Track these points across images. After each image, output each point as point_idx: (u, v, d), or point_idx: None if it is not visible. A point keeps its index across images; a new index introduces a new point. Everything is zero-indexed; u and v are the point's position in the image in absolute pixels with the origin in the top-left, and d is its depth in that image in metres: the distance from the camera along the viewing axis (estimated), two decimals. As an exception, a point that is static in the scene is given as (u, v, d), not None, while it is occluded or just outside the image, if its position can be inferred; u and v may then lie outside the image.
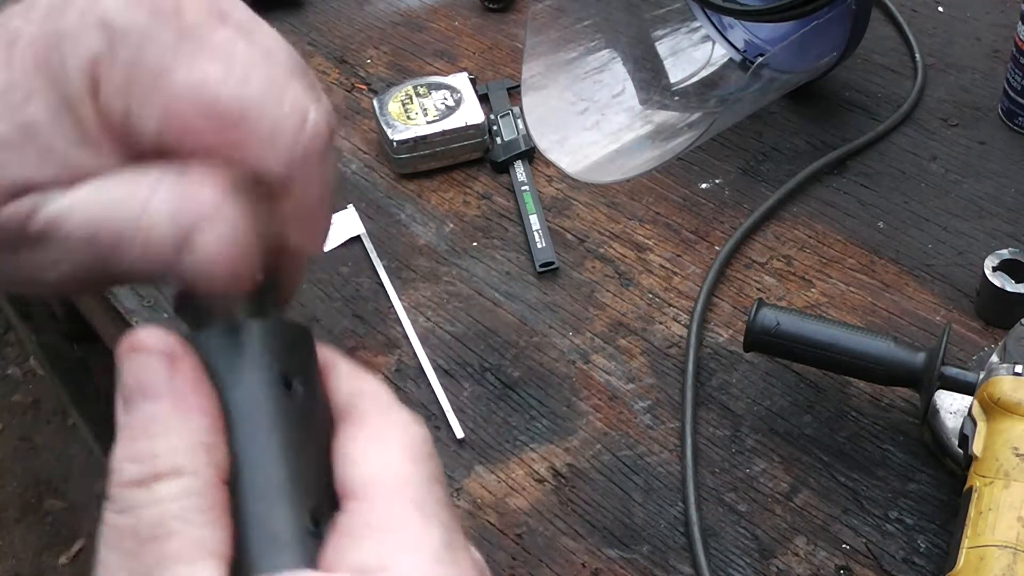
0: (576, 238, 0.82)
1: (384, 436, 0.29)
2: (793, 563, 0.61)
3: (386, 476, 0.28)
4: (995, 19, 0.98)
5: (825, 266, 0.78)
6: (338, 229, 0.84)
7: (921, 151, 0.86)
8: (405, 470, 0.28)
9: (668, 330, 0.74)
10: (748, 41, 0.93)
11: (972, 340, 0.71)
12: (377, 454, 0.28)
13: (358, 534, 0.27)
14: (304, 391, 0.30)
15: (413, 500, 0.27)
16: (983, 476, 0.55)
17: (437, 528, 0.27)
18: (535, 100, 0.86)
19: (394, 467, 0.28)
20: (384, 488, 0.27)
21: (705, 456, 0.67)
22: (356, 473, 0.28)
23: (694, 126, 0.88)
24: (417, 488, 0.28)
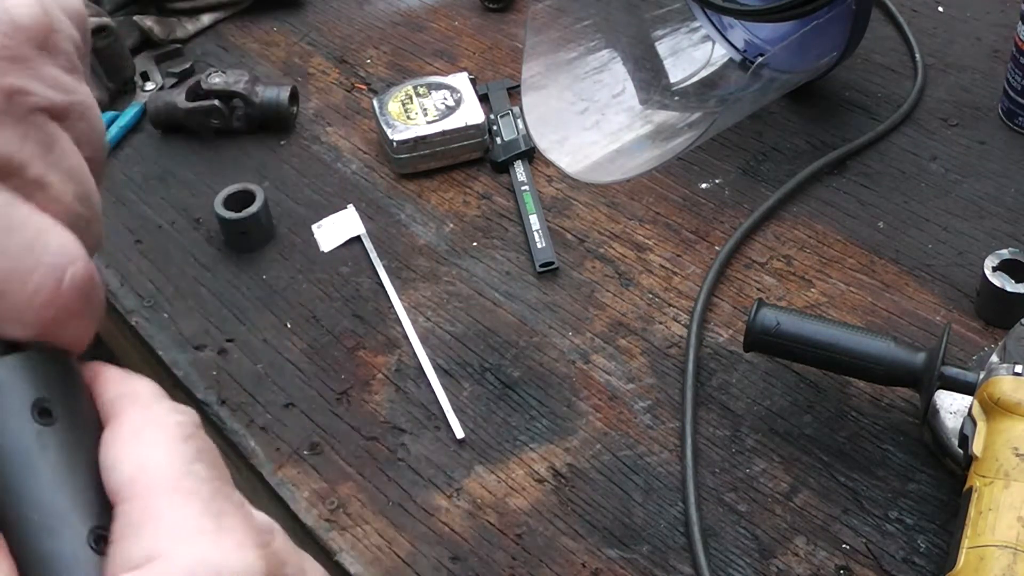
0: (576, 238, 0.82)
1: (139, 432, 0.29)
2: (793, 563, 0.61)
3: (143, 471, 0.28)
4: (995, 19, 0.98)
5: (825, 266, 0.78)
6: (338, 229, 0.84)
7: (921, 151, 0.86)
8: (161, 459, 0.28)
9: (668, 330, 0.74)
10: (748, 41, 0.93)
11: (972, 340, 0.71)
12: (134, 451, 0.29)
13: (127, 534, 0.27)
14: (65, 415, 0.30)
15: (170, 486, 0.28)
16: (983, 476, 0.55)
17: (195, 502, 0.27)
18: (535, 100, 0.86)
19: (151, 460, 0.28)
20: (142, 483, 0.28)
21: (705, 456, 0.67)
22: (117, 476, 0.28)
23: (694, 126, 0.88)
24: (173, 472, 0.28)
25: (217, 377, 0.75)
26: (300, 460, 0.69)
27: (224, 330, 0.78)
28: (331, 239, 0.83)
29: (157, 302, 0.80)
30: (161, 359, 0.77)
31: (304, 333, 0.77)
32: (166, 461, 0.28)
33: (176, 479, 0.28)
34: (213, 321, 0.78)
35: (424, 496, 0.66)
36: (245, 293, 0.80)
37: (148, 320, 0.79)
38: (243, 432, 0.71)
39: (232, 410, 0.72)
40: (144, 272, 0.83)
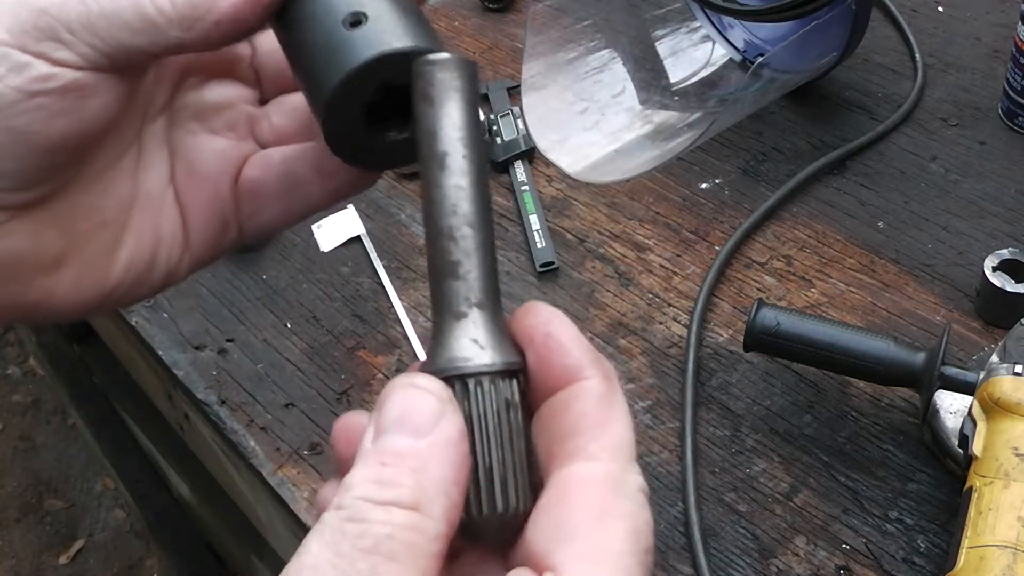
0: (576, 238, 0.82)
1: (614, 514, 0.28)
2: (793, 563, 0.61)
3: (606, 558, 0.27)
4: (995, 19, 0.98)
5: (825, 266, 0.78)
6: (338, 229, 0.84)
7: (921, 151, 0.86)
8: (626, 565, 0.28)
9: (668, 330, 0.74)
10: (748, 41, 0.93)
11: (972, 340, 0.71)
12: (608, 527, 0.28)
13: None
14: None
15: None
16: (983, 476, 0.55)
17: None
18: (535, 100, 0.86)
19: (617, 555, 0.28)
20: (597, 571, 0.27)
21: (705, 456, 0.67)
22: (577, 538, 0.28)
23: (694, 126, 0.88)
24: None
25: (217, 377, 0.75)
26: (300, 460, 0.69)
27: (224, 330, 0.78)
28: (331, 239, 0.83)
29: (157, 302, 0.80)
30: (161, 359, 0.77)
31: (304, 333, 0.77)
32: (618, 568, 0.27)
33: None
34: (213, 321, 0.78)
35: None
36: (245, 293, 0.80)
37: (148, 320, 0.79)
38: (243, 432, 0.71)
39: (232, 410, 0.72)
40: (144, 272, 0.82)
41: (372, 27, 0.33)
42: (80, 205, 0.37)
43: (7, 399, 2.04)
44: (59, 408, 1.99)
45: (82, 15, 0.32)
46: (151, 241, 0.40)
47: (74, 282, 0.38)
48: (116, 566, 1.77)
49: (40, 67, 0.33)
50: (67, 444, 1.95)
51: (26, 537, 1.83)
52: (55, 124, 0.34)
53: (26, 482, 1.90)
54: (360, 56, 0.33)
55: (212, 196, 0.40)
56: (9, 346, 2.13)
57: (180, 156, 0.40)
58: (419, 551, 0.27)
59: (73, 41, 0.33)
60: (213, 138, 0.40)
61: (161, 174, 0.40)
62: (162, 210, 0.40)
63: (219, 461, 0.89)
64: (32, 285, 0.37)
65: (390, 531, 0.27)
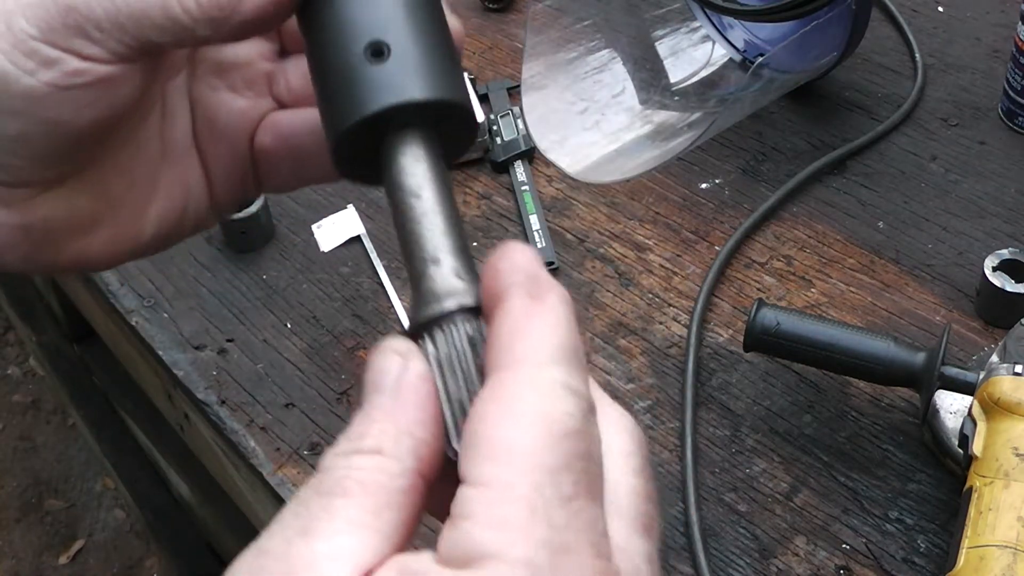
0: (576, 238, 0.82)
1: (516, 403, 0.27)
2: (793, 563, 0.61)
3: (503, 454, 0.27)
4: (995, 19, 0.98)
5: (825, 266, 0.78)
6: (338, 229, 0.84)
7: (921, 151, 0.86)
8: (524, 454, 0.26)
9: (668, 330, 0.74)
10: (748, 41, 0.93)
11: (972, 340, 0.71)
12: (503, 423, 0.27)
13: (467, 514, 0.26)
14: None
15: (520, 493, 0.26)
16: (983, 476, 0.55)
17: (539, 526, 0.25)
18: (535, 100, 0.86)
19: (516, 446, 0.27)
20: (504, 471, 0.26)
21: (705, 456, 0.67)
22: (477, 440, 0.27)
23: (694, 126, 0.88)
24: (530, 478, 0.26)
25: (217, 377, 0.75)
26: (300, 460, 0.69)
27: (224, 330, 0.78)
28: (331, 239, 0.83)
29: (157, 302, 0.80)
30: (161, 359, 0.77)
31: (304, 333, 0.77)
32: (529, 462, 0.26)
33: (531, 488, 0.26)
34: (213, 321, 0.78)
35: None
36: (245, 293, 0.80)
37: (148, 320, 0.79)
38: (243, 432, 0.71)
39: (232, 410, 0.72)
40: (144, 272, 0.82)
41: (394, 66, 0.33)
42: (110, 168, 0.38)
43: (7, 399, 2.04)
44: (59, 408, 1.99)
45: (110, 13, 0.33)
46: (180, 194, 0.40)
47: (108, 241, 0.39)
48: (116, 566, 1.77)
49: (71, 63, 0.33)
50: (67, 444, 1.95)
51: (26, 537, 1.83)
52: (86, 113, 0.34)
53: (26, 482, 1.90)
54: (376, 103, 0.32)
55: (230, 153, 0.41)
56: (9, 346, 2.13)
57: (200, 112, 0.41)
58: (376, 486, 0.27)
59: (102, 38, 0.33)
60: (232, 96, 0.41)
61: (185, 129, 0.41)
62: (188, 164, 0.41)
63: (219, 461, 0.89)
64: (67, 248, 0.38)
65: (345, 475, 0.28)
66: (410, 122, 0.33)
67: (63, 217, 0.37)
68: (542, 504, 0.26)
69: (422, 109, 0.33)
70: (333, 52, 0.33)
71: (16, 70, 0.33)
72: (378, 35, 0.33)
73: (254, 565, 0.27)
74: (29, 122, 0.34)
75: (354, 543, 0.27)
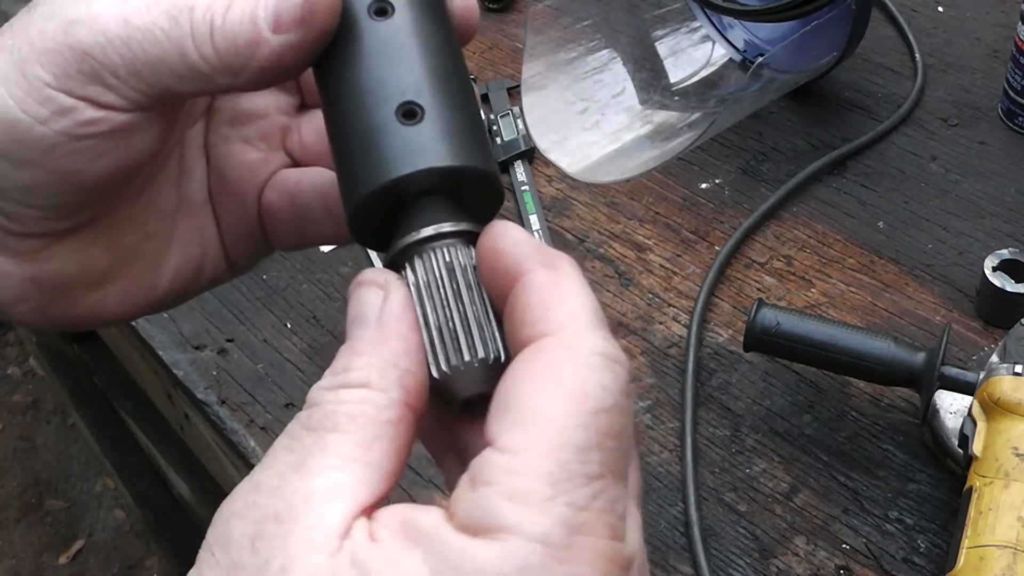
0: (576, 238, 0.82)
1: (552, 376, 0.27)
2: (793, 563, 0.61)
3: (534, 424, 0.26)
4: (995, 19, 0.98)
5: (825, 266, 0.78)
6: (338, 229, 0.84)
7: (921, 151, 0.86)
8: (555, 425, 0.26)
9: (668, 330, 0.74)
10: (748, 41, 0.93)
11: (972, 340, 0.71)
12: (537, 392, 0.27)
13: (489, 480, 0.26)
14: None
15: (551, 470, 0.26)
16: (983, 476, 0.55)
17: (560, 503, 0.25)
18: (535, 100, 0.86)
19: (548, 417, 0.26)
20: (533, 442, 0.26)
21: (705, 456, 0.67)
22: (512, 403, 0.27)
23: (694, 126, 0.88)
24: (557, 455, 0.26)
25: (217, 377, 0.75)
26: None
27: (224, 330, 0.78)
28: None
29: (157, 302, 0.80)
30: (161, 359, 0.77)
31: (304, 333, 0.77)
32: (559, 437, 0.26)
33: (557, 464, 0.26)
34: (213, 321, 0.78)
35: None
36: (245, 293, 0.80)
37: (148, 320, 0.79)
38: (243, 432, 0.71)
39: (232, 410, 0.72)
40: (144, 272, 0.82)
41: (428, 129, 0.31)
42: (125, 220, 0.37)
43: (7, 399, 2.04)
44: (59, 408, 1.99)
45: (127, 60, 0.32)
46: (197, 249, 0.39)
47: (122, 295, 0.38)
48: (116, 566, 1.77)
49: (86, 112, 0.32)
50: (67, 444, 1.95)
51: (26, 537, 1.83)
52: (100, 163, 0.33)
53: (26, 482, 1.90)
54: (409, 165, 0.31)
55: (240, 208, 0.40)
56: (9, 346, 2.13)
57: (214, 165, 0.40)
58: (365, 419, 0.28)
59: (119, 86, 0.32)
60: (244, 148, 0.40)
61: (201, 182, 0.40)
62: (203, 218, 0.40)
63: (219, 461, 0.89)
64: (80, 301, 0.37)
65: (334, 409, 0.28)
66: (436, 188, 0.32)
67: (75, 270, 0.36)
68: (566, 481, 0.26)
69: (451, 175, 0.32)
70: (357, 110, 0.32)
71: (29, 119, 0.32)
72: (411, 95, 0.32)
73: (249, 500, 0.27)
74: (42, 172, 0.33)
75: (348, 478, 0.27)
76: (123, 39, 0.32)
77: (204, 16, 0.32)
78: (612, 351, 0.28)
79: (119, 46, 0.32)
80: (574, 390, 0.27)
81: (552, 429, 0.26)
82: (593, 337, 0.28)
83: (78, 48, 0.32)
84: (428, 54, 0.32)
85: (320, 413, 0.28)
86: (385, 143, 0.31)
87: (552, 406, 0.26)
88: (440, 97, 0.32)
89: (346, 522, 0.26)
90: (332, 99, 0.33)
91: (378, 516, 0.27)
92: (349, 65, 0.33)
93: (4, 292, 0.35)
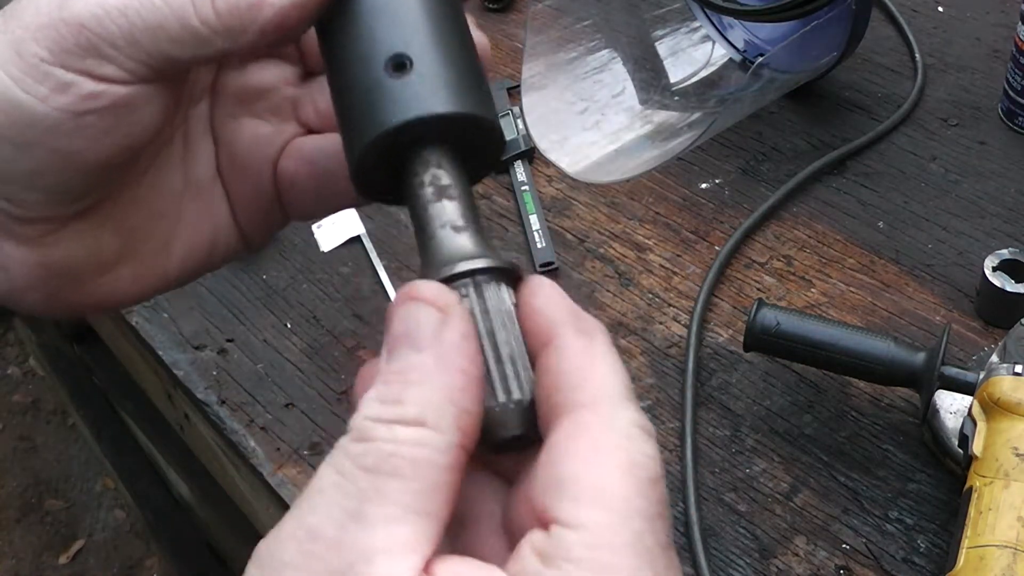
0: (576, 238, 0.82)
1: (598, 450, 0.27)
2: (793, 563, 0.61)
3: (607, 501, 0.26)
4: (995, 19, 0.98)
5: (825, 266, 0.78)
6: (338, 229, 0.84)
7: (921, 151, 0.86)
8: (627, 498, 0.26)
9: (668, 330, 0.74)
10: (748, 41, 0.93)
11: (972, 340, 0.71)
12: (591, 471, 0.27)
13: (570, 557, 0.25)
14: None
15: (630, 543, 0.26)
16: (983, 476, 0.55)
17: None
18: (535, 100, 0.86)
19: (615, 491, 0.26)
20: (604, 516, 0.26)
21: (705, 456, 0.67)
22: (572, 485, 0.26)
23: (694, 126, 0.88)
24: (637, 526, 0.26)
25: (217, 377, 0.75)
26: (300, 460, 0.69)
27: (224, 330, 0.78)
28: (331, 239, 0.83)
29: (157, 302, 0.80)
30: (161, 359, 0.77)
31: (304, 333, 0.77)
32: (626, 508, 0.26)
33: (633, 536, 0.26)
34: (213, 321, 0.78)
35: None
36: (245, 293, 0.80)
37: (148, 320, 0.79)
38: (243, 432, 0.71)
39: (232, 410, 0.72)
40: (144, 272, 0.82)
41: (416, 79, 0.31)
42: (132, 202, 0.37)
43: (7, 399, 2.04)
44: (59, 408, 1.99)
45: (124, 29, 0.31)
46: (207, 229, 0.39)
47: (133, 277, 0.37)
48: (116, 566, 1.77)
49: (85, 85, 0.32)
50: (67, 444, 1.95)
51: (26, 537, 1.83)
52: (103, 142, 0.33)
53: (26, 482, 1.90)
54: (398, 117, 0.31)
55: (254, 183, 0.40)
56: (9, 346, 2.13)
57: (223, 142, 0.40)
58: (426, 465, 0.26)
59: (117, 56, 0.31)
60: (255, 122, 0.40)
61: (208, 160, 0.39)
62: (213, 196, 0.39)
63: (219, 461, 0.89)
64: (91, 286, 0.36)
65: (393, 448, 0.26)
66: (433, 138, 0.32)
67: (85, 254, 0.35)
68: (646, 551, 0.26)
69: (445, 123, 0.32)
70: (353, 66, 0.32)
71: (29, 98, 0.31)
72: (400, 48, 0.32)
73: (304, 550, 0.25)
74: (45, 153, 0.32)
75: (410, 532, 0.26)
76: (120, 8, 0.31)
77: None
78: (645, 423, 0.28)
79: (116, 16, 0.31)
80: (625, 462, 0.27)
81: (617, 501, 0.26)
82: (628, 410, 0.28)
83: (73, 21, 0.31)
84: (422, 8, 0.33)
85: (376, 453, 0.26)
86: (376, 97, 0.31)
87: (607, 477, 0.26)
88: (430, 48, 0.32)
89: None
90: (332, 59, 0.34)
91: (437, 571, 0.26)
92: (348, 23, 0.33)
93: (14, 280, 0.35)
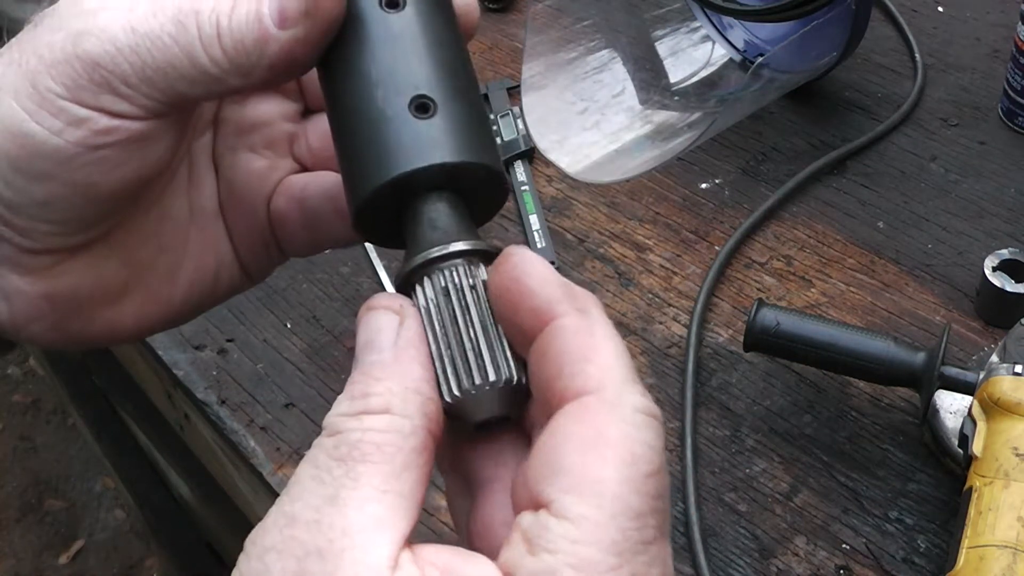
0: (576, 238, 0.82)
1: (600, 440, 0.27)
2: (793, 563, 0.61)
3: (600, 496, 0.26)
4: (995, 19, 0.98)
5: (825, 266, 0.78)
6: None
7: (921, 151, 0.86)
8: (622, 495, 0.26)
9: (668, 330, 0.74)
10: (748, 41, 0.93)
11: (972, 340, 0.71)
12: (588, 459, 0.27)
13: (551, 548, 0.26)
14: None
15: (614, 540, 0.26)
16: (983, 476, 0.55)
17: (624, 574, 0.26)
18: (535, 100, 0.86)
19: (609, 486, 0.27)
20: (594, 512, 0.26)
21: (705, 456, 0.67)
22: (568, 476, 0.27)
23: (694, 126, 0.88)
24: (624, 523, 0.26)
25: (217, 377, 0.75)
26: (300, 460, 0.69)
27: (224, 330, 0.78)
28: (331, 239, 0.83)
29: (157, 302, 0.80)
30: (161, 359, 0.77)
31: (304, 333, 0.77)
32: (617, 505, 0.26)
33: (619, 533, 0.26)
34: (213, 321, 0.78)
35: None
36: (245, 293, 0.80)
37: (148, 320, 0.79)
38: (243, 432, 0.71)
39: (232, 410, 0.72)
40: (144, 272, 0.82)
41: (440, 123, 0.31)
42: (138, 233, 0.37)
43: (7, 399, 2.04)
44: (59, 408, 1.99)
45: (137, 68, 0.32)
46: (211, 260, 0.39)
47: (138, 309, 0.37)
48: (116, 566, 1.77)
49: (100, 121, 0.32)
50: (67, 444, 1.95)
51: (26, 537, 1.83)
52: (116, 174, 0.33)
53: (26, 482, 1.90)
54: (422, 160, 0.31)
55: (250, 216, 0.40)
56: (9, 346, 2.13)
57: (223, 175, 0.40)
58: (393, 448, 0.28)
59: (131, 94, 0.32)
60: (251, 156, 0.40)
61: (211, 193, 0.40)
62: (215, 228, 0.40)
63: (219, 461, 0.89)
64: (95, 317, 0.36)
65: (360, 436, 0.28)
66: (444, 183, 0.31)
67: (90, 285, 0.35)
68: (629, 551, 0.26)
69: (460, 172, 0.31)
70: (369, 101, 0.32)
71: (43, 131, 0.32)
72: (424, 90, 0.31)
73: (286, 535, 0.27)
74: (57, 185, 0.32)
75: (384, 510, 0.27)
76: (132, 47, 0.31)
77: (210, 18, 0.32)
78: (650, 407, 0.29)
79: (128, 54, 0.31)
80: (624, 453, 0.27)
81: (609, 496, 0.26)
82: (633, 394, 0.28)
83: (87, 59, 0.31)
84: (439, 48, 0.32)
85: (346, 442, 0.28)
86: (396, 136, 0.31)
87: (605, 471, 0.27)
88: (451, 92, 0.32)
89: (394, 554, 0.26)
90: (339, 92, 0.33)
91: (421, 554, 0.27)
92: (359, 56, 0.32)
93: (18, 311, 0.35)
